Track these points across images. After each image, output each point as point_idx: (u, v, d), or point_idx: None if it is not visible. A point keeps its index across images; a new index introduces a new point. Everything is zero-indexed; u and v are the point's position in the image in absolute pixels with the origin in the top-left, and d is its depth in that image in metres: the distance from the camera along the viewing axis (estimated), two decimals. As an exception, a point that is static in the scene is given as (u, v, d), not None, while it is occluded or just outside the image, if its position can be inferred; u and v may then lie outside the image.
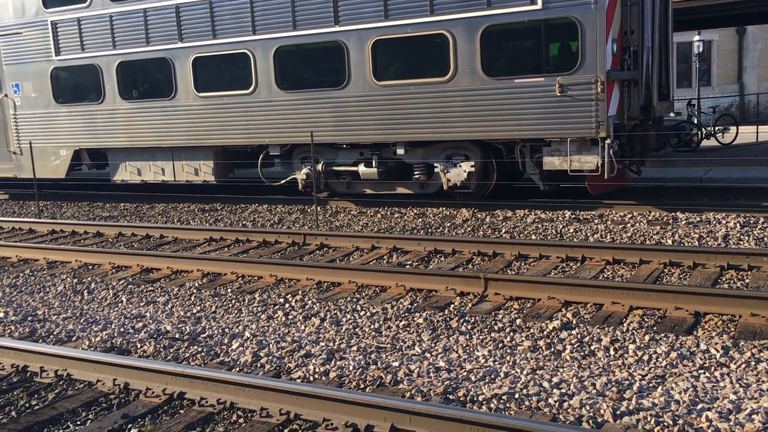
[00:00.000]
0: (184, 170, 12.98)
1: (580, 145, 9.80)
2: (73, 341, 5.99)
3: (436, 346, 5.36)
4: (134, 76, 13.04)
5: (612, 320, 5.68)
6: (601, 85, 9.43)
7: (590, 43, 9.43)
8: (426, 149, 11.13)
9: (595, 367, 4.81)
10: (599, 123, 9.50)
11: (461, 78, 10.30)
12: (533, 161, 10.49)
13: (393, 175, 11.54)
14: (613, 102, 9.77)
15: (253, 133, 12.01)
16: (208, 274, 7.95)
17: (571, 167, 9.90)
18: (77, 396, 4.80)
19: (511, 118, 10.08)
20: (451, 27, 10.24)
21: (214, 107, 12.25)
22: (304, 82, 11.56)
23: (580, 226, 9.33)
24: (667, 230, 8.79)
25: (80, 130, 13.65)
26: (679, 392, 4.32)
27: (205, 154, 12.71)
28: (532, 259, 7.75)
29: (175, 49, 12.31)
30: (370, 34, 10.76)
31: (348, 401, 4.12)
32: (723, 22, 19.77)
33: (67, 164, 13.96)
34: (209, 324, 6.23)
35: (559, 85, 9.63)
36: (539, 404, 4.27)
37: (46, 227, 11.43)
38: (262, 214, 11.89)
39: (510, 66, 10.14)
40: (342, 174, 11.89)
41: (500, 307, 6.22)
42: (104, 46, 12.98)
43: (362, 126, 11.10)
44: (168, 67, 12.47)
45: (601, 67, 9.43)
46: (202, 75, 12.24)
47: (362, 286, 7.07)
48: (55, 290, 7.74)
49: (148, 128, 12.91)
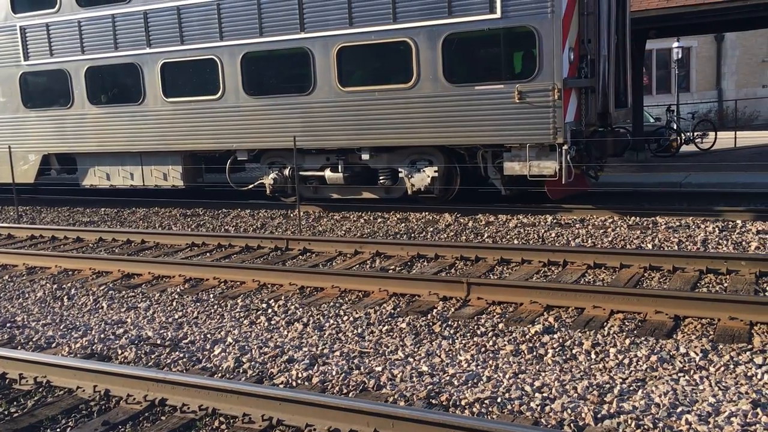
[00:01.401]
0: (152, 175, 13.04)
1: (539, 150, 10.01)
2: (52, 348, 5.92)
3: (419, 351, 5.37)
4: (103, 82, 13.09)
5: (593, 324, 5.72)
6: (558, 93, 9.63)
7: (547, 52, 9.65)
8: (391, 154, 11.30)
9: (576, 371, 4.84)
10: (557, 129, 9.71)
11: (424, 85, 10.48)
12: (495, 166, 10.70)
13: (359, 180, 11.72)
14: (571, 109, 10.01)
15: (221, 139, 12.12)
16: (190, 280, 7.91)
17: (530, 173, 10.10)
18: (57, 403, 4.75)
19: (472, 124, 10.27)
20: (414, 35, 10.41)
21: (182, 112, 12.34)
22: (271, 88, 11.70)
23: (562, 231, 9.40)
24: (648, 235, 8.88)
25: (49, 135, 13.68)
26: (659, 395, 4.36)
27: (173, 159, 12.80)
28: (515, 264, 7.79)
29: (144, 54, 12.39)
30: (335, 41, 10.93)
31: (331, 406, 4.12)
32: (701, 29, 20.03)
33: (36, 169, 13.98)
34: (191, 329, 6.19)
35: (518, 92, 9.82)
36: (521, 408, 4.30)
37: (25, 232, 11.31)
38: (245, 219, 11.85)
39: (470, 73, 10.37)
40: (309, 179, 11.99)
41: (483, 312, 6.24)
42: (73, 51, 13.02)
43: (328, 131, 11.25)
44: (136, 72, 12.52)
45: (558, 74, 9.63)
46: (170, 80, 12.32)
47: (345, 291, 7.07)
48: (35, 296, 7.65)
49: (117, 133, 12.96)
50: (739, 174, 13.10)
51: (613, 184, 13.01)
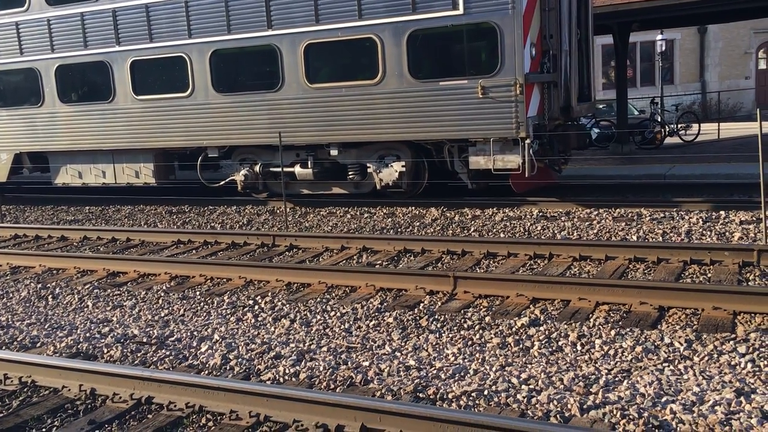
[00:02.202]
0: (124, 173, 13.05)
1: (503, 145, 10.14)
2: (37, 347, 5.88)
3: (406, 345, 5.39)
4: (73, 80, 13.09)
5: (579, 316, 5.75)
6: (519, 88, 9.75)
7: (509, 47, 9.77)
8: (359, 150, 11.37)
9: (562, 363, 4.87)
10: (519, 124, 9.84)
11: (389, 81, 10.58)
12: (461, 161, 10.80)
13: (328, 176, 11.78)
14: (533, 103, 10.14)
15: (192, 136, 12.17)
16: (176, 277, 7.87)
17: (494, 166, 10.25)
18: (42, 403, 4.72)
19: (437, 119, 10.39)
20: (379, 31, 10.50)
21: (152, 110, 12.38)
22: (239, 85, 11.79)
23: (548, 224, 9.44)
24: (632, 227, 8.94)
25: (20, 133, 13.68)
26: (644, 385, 4.40)
27: (145, 156, 12.83)
28: (501, 257, 7.82)
29: (113, 52, 12.41)
30: (302, 38, 11.00)
31: (318, 402, 4.12)
32: (685, 22, 20.15)
33: (8, 168, 14.01)
34: (177, 327, 6.17)
35: (481, 87, 9.94)
36: (508, 400, 4.32)
37: (9, 232, 11.20)
38: (231, 215, 11.81)
39: (435, 69, 10.46)
40: (279, 175, 11.98)
41: (469, 305, 6.26)
42: (43, 49, 13.03)
43: (296, 128, 11.34)
44: (106, 70, 12.54)
45: (519, 70, 9.75)
46: (140, 78, 12.34)
47: (332, 287, 7.06)
48: (19, 296, 7.59)
49: (88, 131, 12.96)
50: (722, 165, 13.21)
51: (598, 176, 13.08)
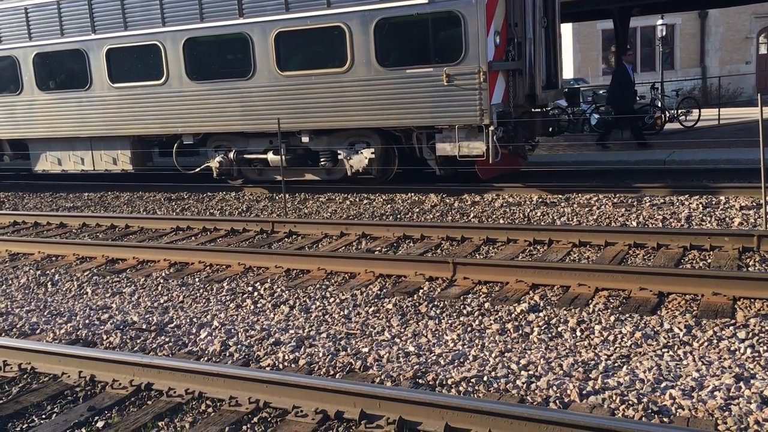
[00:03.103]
0: (102, 159, 13.23)
1: (469, 131, 10.26)
2: (37, 334, 5.88)
3: (405, 332, 5.38)
4: (51, 68, 13.22)
5: (578, 302, 5.75)
6: (483, 75, 9.87)
7: (473, 36, 9.86)
8: (330, 137, 11.48)
9: (562, 349, 4.87)
10: (483, 111, 9.96)
11: (358, 68, 10.69)
12: (429, 147, 10.92)
13: (301, 162, 11.94)
14: (498, 91, 10.22)
15: (167, 123, 12.31)
16: (175, 264, 7.86)
17: (460, 153, 10.38)
18: (42, 389, 4.73)
19: (404, 107, 10.52)
20: (347, 20, 10.60)
21: (128, 97, 12.52)
22: (212, 72, 11.89)
23: (547, 210, 9.42)
24: (632, 212, 8.92)
25: (0, 121, 13.78)
26: (644, 371, 4.40)
27: (122, 143, 13.00)
28: (500, 243, 7.81)
29: (89, 40, 12.56)
30: (273, 27, 11.11)
31: (317, 388, 4.12)
32: (685, 6, 20.03)
33: None
34: (177, 314, 6.16)
35: (446, 75, 10.05)
36: (507, 386, 4.32)
37: (8, 218, 11.19)
38: (230, 202, 11.78)
39: (402, 57, 10.56)
40: (253, 162, 12.18)
41: (469, 291, 6.26)
42: (20, 37, 13.17)
43: (268, 115, 11.42)
44: (83, 58, 12.68)
45: (483, 58, 9.85)
46: (116, 66, 12.48)
47: (331, 273, 7.06)
48: (18, 283, 7.59)
49: (66, 119, 13.11)
50: (722, 150, 13.17)
51: (598, 162, 13.05)
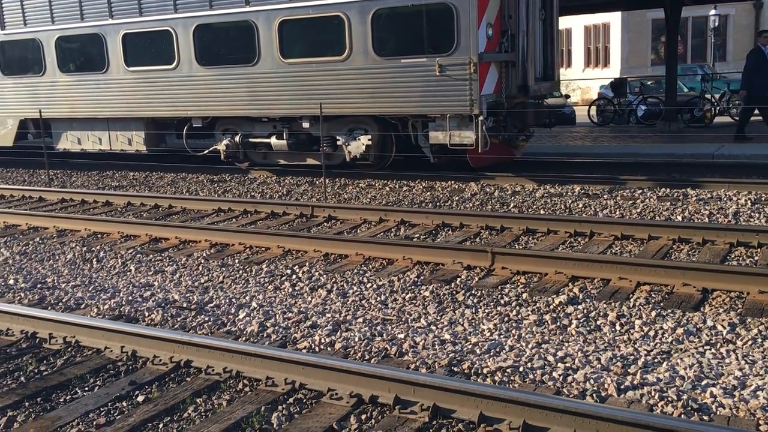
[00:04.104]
0: (118, 140, 13.71)
1: (460, 121, 10.48)
2: (81, 309, 6.04)
3: (441, 319, 5.38)
4: (71, 51, 13.72)
5: (619, 295, 5.66)
6: (474, 66, 10.09)
7: (465, 27, 10.10)
8: (330, 123, 11.74)
9: (600, 342, 4.81)
10: (473, 101, 10.19)
11: (356, 57, 11.00)
12: (423, 135, 11.18)
13: (302, 147, 12.27)
14: (489, 82, 10.47)
15: (177, 106, 12.74)
16: (216, 245, 7.98)
17: (451, 142, 10.63)
18: (85, 362, 4.86)
19: (399, 95, 10.79)
20: (347, 9, 10.93)
21: (142, 81, 12.97)
22: (220, 58, 12.24)
23: (590, 202, 9.28)
24: (677, 206, 8.73)
25: (25, 100, 14.40)
26: (685, 368, 4.32)
27: (136, 124, 13.45)
28: (540, 234, 7.73)
29: (107, 25, 13.05)
30: (277, 15, 11.47)
31: (353, 372, 4.14)
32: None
33: (14, 133, 14.79)
34: (216, 294, 6.26)
35: (439, 65, 10.29)
36: (543, 378, 4.29)
37: (56, 196, 11.49)
38: (271, 185, 11.89)
39: (397, 47, 10.83)
40: (258, 145, 12.55)
41: (507, 281, 6.21)
42: (44, 21, 13.70)
43: (271, 100, 11.85)
44: (101, 42, 13.18)
45: (474, 49, 10.08)
46: (131, 50, 12.94)
47: (369, 259, 7.08)
48: (65, 258, 7.79)
49: (85, 100, 13.62)
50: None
51: (644, 155, 12.80)
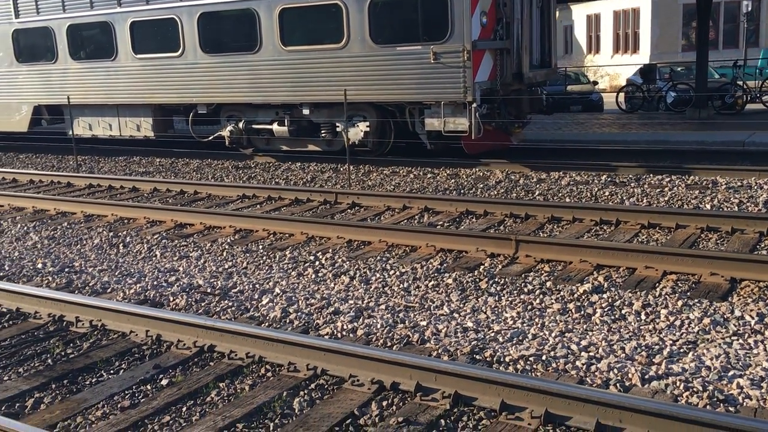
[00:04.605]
0: (127, 126, 14.03)
1: (454, 108, 10.60)
2: (108, 293, 6.12)
3: (464, 307, 5.35)
4: (82, 38, 14.06)
5: (644, 285, 5.59)
6: (467, 54, 10.21)
7: (458, 16, 10.22)
8: (330, 110, 11.92)
9: (625, 331, 4.75)
10: (467, 88, 10.31)
11: (353, 45, 11.19)
12: (420, 122, 11.28)
13: (303, 133, 12.45)
14: (483, 69, 10.56)
15: (183, 93, 13.05)
16: (240, 231, 8.02)
17: (445, 128, 10.76)
18: (111, 346, 4.92)
19: (395, 83, 10.95)
20: None
21: (149, 68, 13.31)
22: (224, 46, 12.54)
23: (616, 190, 9.16)
24: (706, 195, 8.59)
25: (38, 87, 14.76)
26: (711, 358, 4.25)
27: (144, 111, 13.79)
28: (565, 222, 7.65)
29: (115, 13, 13.40)
30: (278, 3, 11.74)
31: (375, 358, 4.15)
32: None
33: (29, 119, 15.12)
34: (240, 279, 6.30)
35: (433, 53, 10.43)
36: (566, 366, 4.25)
37: (84, 181, 11.64)
38: (295, 172, 11.92)
39: (393, 35, 10.98)
40: (261, 132, 12.73)
41: (531, 270, 6.16)
42: (56, 10, 14.03)
43: (272, 87, 12.07)
44: (109, 30, 13.51)
45: (467, 37, 10.19)
46: (139, 38, 13.22)
47: (392, 246, 7.07)
48: (92, 243, 7.89)
49: (95, 87, 13.96)
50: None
51: (674, 142, 12.59)
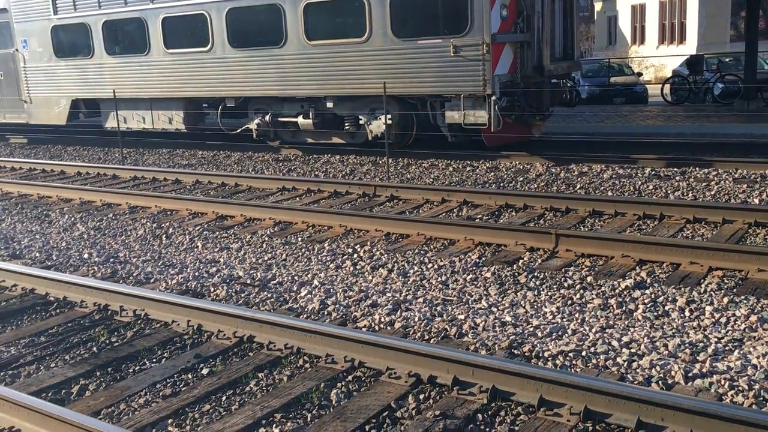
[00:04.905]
0: (160, 119, 14.40)
1: (474, 101, 10.69)
2: (151, 283, 6.24)
3: (503, 301, 5.31)
4: (116, 34, 14.45)
5: (689, 281, 5.47)
6: (486, 47, 10.31)
7: (478, 9, 10.33)
8: (354, 103, 12.13)
9: (668, 328, 4.66)
10: (486, 81, 10.41)
11: (375, 39, 11.34)
12: (441, 115, 11.36)
13: (327, 126, 12.65)
14: (503, 62, 10.66)
15: (212, 87, 13.37)
16: (279, 223, 8.09)
17: (465, 121, 10.86)
18: (154, 335, 5.02)
19: (416, 76, 11.09)
20: None
21: (180, 63, 13.65)
22: (251, 41, 12.74)
23: (660, 183, 8.98)
24: (755, 189, 8.35)
25: (75, 81, 15.21)
26: (757, 357, 4.14)
27: (176, 104, 14.16)
28: (607, 216, 7.53)
29: (148, 9, 13.79)
30: None
31: (412, 351, 4.14)
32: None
33: (67, 112, 15.57)
34: (279, 271, 6.36)
35: (453, 46, 10.53)
36: (607, 363, 4.18)
37: (129, 173, 11.87)
38: (334, 165, 11.97)
39: (414, 28, 11.10)
40: (287, 124, 12.99)
41: (571, 264, 6.08)
42: (92, 6, 14.46)
43: (297, 81, 12.32)
44: (142, 26, 13.91)
45: (487, 30, 10.30)
46: (170, 33, 13.56)
47: (431, 239, 7.05)
48: (136, 234, 8.05)
49: (129, 81, 14.35)
50: None
51: (721, 135, 12.27)
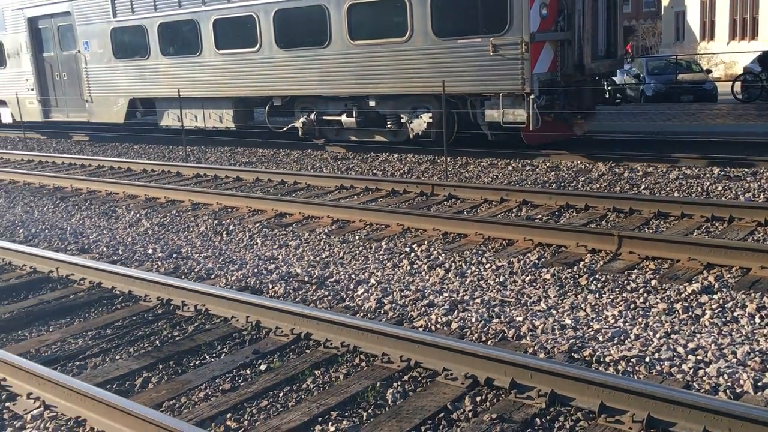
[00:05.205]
0: (211, 118, 14.87)
1: (513, 99, 10.77)
2: (211, 279, 6.36)
3: (562, 303, 5.21)
4: (171, 36, 14.97)
5: (760, 286, 5.25)
6: (525, 46, 10.38)
7: (517, 8, 10.43)
8: (396, 101, 12.32)
9: (737, 335, 4.48)
10: (524, 80, 10.49)
11: (416, 39, 11.54)
12: (480, 113, 11.46)
13: (370, 125, 12.88)
14: (543, 61, 10.67)
15: (260, 86, 13.77)
16: (337, 221, 8.14)
17: (504, 119, 10.93)
18: (214, 330, 5.12)
19: (456, 74, 11.20)
20: None
21: (230, 63, 14.09)
22: (296, 41, 13.09)
23: (730, 184, 8.65)
24: (832, 191, 7.97)
25: (133, 81, 15.82)
26: (834, 368, 3.94)
27: (226, 103, 14.59)
28: (673, 218, 7.29)
29: (200, 12, 14.28)
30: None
31: (469, 353, 4.10)
32: None
33: (125, 111, 16.19)
34: (336, 269, 6.39)
35: (492, 45, 10.64)
36: (672, 370, 4.05)
37: (192, 171, 12.15)
38: (392, 163, 11.97)
39: (454, 28, 11.25)
40: (331, 123, 13.29)
41: (634, 267, 5.92)
42: (148, 9, 15.04)
43: (341, 80, 12.61)
44: (195, 27, 14.43)
45: (525, 29, 10.38)
46: (221, 34, 14.14)
47: (489, 239, 6.97)
48: (198, 230, 8.23)
49: (182, 81, 14.84)
50: None
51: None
